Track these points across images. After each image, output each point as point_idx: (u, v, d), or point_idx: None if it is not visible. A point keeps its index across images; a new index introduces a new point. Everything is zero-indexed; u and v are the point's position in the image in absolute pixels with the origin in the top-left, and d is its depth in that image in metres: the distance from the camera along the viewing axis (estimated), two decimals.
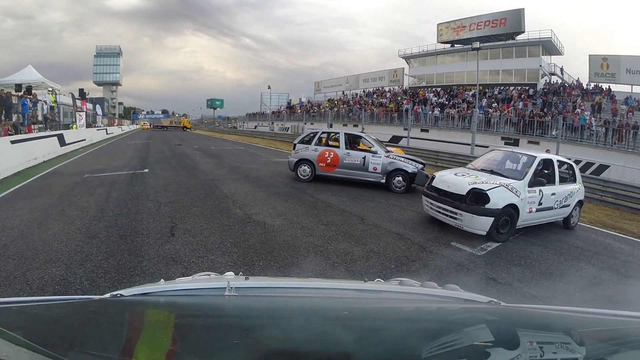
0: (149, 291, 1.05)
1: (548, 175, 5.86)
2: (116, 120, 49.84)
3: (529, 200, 5.32)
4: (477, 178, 5.51)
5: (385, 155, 8.24)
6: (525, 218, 5.37)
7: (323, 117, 31.48)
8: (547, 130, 17.61)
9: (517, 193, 5.18)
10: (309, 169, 8.77)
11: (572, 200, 6.16)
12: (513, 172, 5.73)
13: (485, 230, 4.97)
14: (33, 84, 15.85)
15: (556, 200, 5.78)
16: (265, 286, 1.17)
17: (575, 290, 3.74)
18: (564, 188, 6.03)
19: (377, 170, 8.20)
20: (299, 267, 3.71)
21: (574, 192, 6.24)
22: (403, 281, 1.30)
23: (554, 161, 6.04)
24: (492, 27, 28.34)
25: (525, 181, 5.39)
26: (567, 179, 6.42)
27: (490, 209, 4.96)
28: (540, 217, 5.70)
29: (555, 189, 5.79)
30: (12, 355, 0.61)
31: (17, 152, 9.40)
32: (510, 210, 5.13)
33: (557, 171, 5.92)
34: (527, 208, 5.32)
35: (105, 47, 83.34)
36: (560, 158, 6.68)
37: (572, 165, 6.60)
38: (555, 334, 0.89)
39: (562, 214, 6.12)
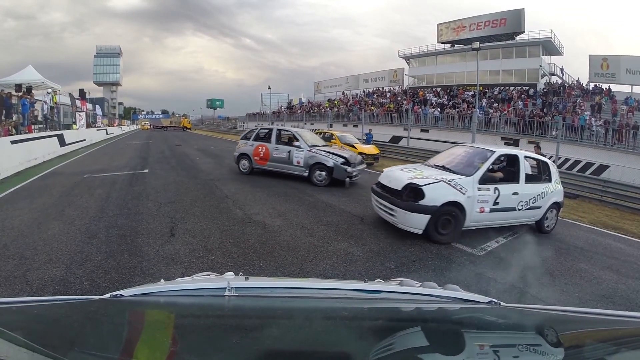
0: (149, 291, 1.05)
1: (512, 172, 5.42)
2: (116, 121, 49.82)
3: (479, 198, 4.84)
4: (421, 173, 5.12)
5: (307, 149, 8.46)
6: (476, 219, 4.90)
7: (323, 117, 31.48)
8: (547, 130, 17.61)
9: (462, 190, 4.72)
10: (247, 163, 9.39)
11: (544, 202, 5.59)
12: (466, 168, 5.21)
13: (420, 228, 4.62)
14: (33, 84, 15.85)
15: (520, 201, 5.25)
16: (265, 286, 1.17)
17: (575, 290, 3.74)
18: (533, 188, 5.51)
19: (300, 163, 8.50)
20: (299, 267, 3.71)
21: (547, 193, 5.64)
22: (403, 281, 1.30)
23: (520, 158, 5.46)
24: (492, 27, 28.35)
25: (474, 178, 4.89)
26: (539, 178, 5.90)
27: (425, 206, 4.58)
28: (498, 218, 5.17)
29: (519, 188, 5.26)
30: (12, 355, 0.61)
31: (17, 152, 9.40)
32: (453, 209, 4.70)
33: (523, 169, 5.38)
34: (478, 207, 4.85)
35: (105, 47, 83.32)
36: (533, 155, 6.17)
37: (547, 163, 6.01)
38: (555, 334, 0.89)
39: (531, 217, 5.58)
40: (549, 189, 5.69)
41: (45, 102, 15.44)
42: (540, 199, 5.52)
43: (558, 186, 5.97)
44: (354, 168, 8.28)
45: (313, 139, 9.27)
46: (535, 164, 6.17)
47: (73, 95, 22.32)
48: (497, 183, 5.11)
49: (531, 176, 5.89)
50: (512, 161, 5.55)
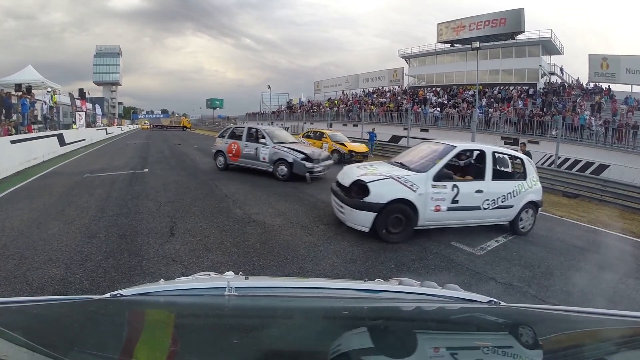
0: (149, 291, 1.05)
1: (478, 169, 5.16)
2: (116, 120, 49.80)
3: (433, 196, 4.60)
4: (374, 170, 4.94)
5: (272, 146, 8.89)
6: (431, 218, 4.67)
7: (323, 117, 31.47)
8: (547, 130, 17.61)
9: (412, 187, 4.51)
10: (222, 159, 9.99)
11: (516, 201, 5.23)
12: (422, 165, 4.96)
13: (366, 226, 4.46)
14: (33, 84, 15.84)
15: (486, 200, 4.93)
16: (265, 286, 1.17)
17: (575, 290, 3.74)
18: (502, 185, 5.18)
19: (265, 159, 8.99)
20: (299, 267, 3.71)
21: (521, 191, 5.28)
22: (403, 281, 1.30)
23: (487, 153, 5.12)
24: (492, 27, 28.34)
25: (428, 174, 4.65)
26: (510, 175, 5.60)
27: (370, 203, 4.41)
28: (459, 218, 4.90)
29: (484, 186, 4.95)
30: (12, 355, 0.61)
31: (17, 152, 9.40)
32: (403, 207, 4.49)
33: (489, 165, 5.05)
34: (432, 205, 4.61)
35: (105, 47, 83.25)
36: (504, 150, 5.83)
37: (521, 159, 5.62)
38: (555, 334, 0.89)
39: (501, 217, 5.24)
40: (522, 187, 5.32)
41: (45, 102, 15.43)
42: (511, 197, 5.18)
43: (535, 184, 5.56)
44: (316, 164, 8.55)
45: (281, 136, 9.66)
46: (507, 160, 5.84)
47: (73, 95, 22.31)
48: (456, 180, 4.85)
49: (501, 173, 5.63)
50: (480, 157, 5.25)
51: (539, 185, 5.68)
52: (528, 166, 5.58)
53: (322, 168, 8.78)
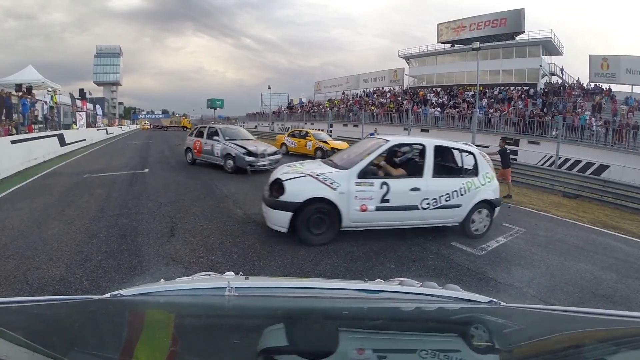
0: (149, 291, 1.05)
1: (416, 165, 4.82)
2: (116, 120, 49.85)
3: (357, 195, 4.26)
4: (299, 168, 4.67)
5: (223, 142, 9.78)
6: (357, 218, 4.33)
7: (323, 117, 31.48)
8: (547, 130, 17.62)
9: (332, 185, 4.19)
10: (190, 155, 11.17)
11: (465, 200, 4.79)
12: (350, 161, 4.62)
13: (284, 226, 4.18)
14: (33, 84, 15.85)
15: (424, 198, 4.53)
16: (265, 286, 1.17)
17: (575, 290, 3.74)
18: (446, 183, 4.76)
19: (218, 154, 9.86)
20: (299, 267, 3.71)
21: (470, 189, 4.81)
22: (403, 281, 1.30)
23: (428, 148, 4.75)
24: (492, 27, 28.36)
25: (351, 171, 4.33)
26: (457, 172, 5.12)
27: (286, 202, 4.13)
28: (390, 218, 4.51)
29: (422, 184, 4.54)
30: (12, 355, 0.61)
31: (17, 152, 9.40)
32: (324, 207, 4.19)
33: (429, 161, 4.67)
34: (357, 205, 4.27)
35: (106, 47, 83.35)
36: (448, 144, 5.41)
37: (472, 153, 5.11)
38: (555, 334, 0.89)
39: (446, 217, 4.82)
40: (472, 185, 4.84)
41: (45, 102, 15.44)
42: (458, 196, 4.73)
43: (489, 181, 5.05)
44: (260, 158, 9.36)
45: (235, 134, 10.57)
46: (455, 155, 5.38)
47: (73, 95, 22.33)
48: (387, 177, 4.49)
49: (446, 169, 5.23)
50: (420, 153, 4.89)
51: (494, 182, 5.17)
52: (481, 161, 5.07)
53: (267, 162, 9.45)
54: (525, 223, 6.33)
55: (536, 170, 11.86)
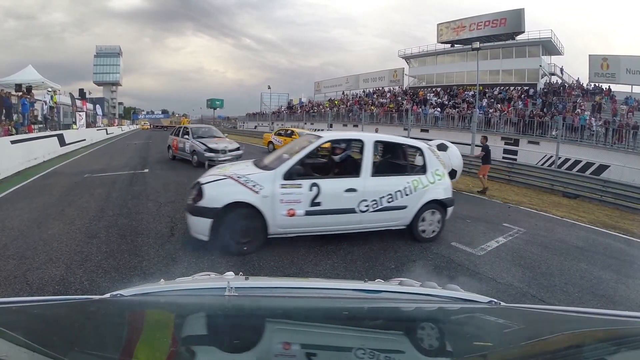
0: (149, 291, 1.05)
1: (353, 163, 4.41)
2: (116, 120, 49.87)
3: (283, 198, 3.84)
4: (225, 170, 4.29)
5: (192, 140, 10.88)
6: (284, 224, 3.90)
7: (323, 117, 31.48)
8: (547, 130, 17.61)
9: (254, 188, 3.78)
10: (170, 151, 12.47)
11: (411, 200, 4.40)
12: (277, 161, 4.24)
13: (205, 234, 3.73)
14: (33, 84, 15.84)
15: (362, 200, 4.13)
16: (265, 286, 1.17)
17: (575, 290, 3.74)
18: (388, 182, 4.33)
19: (187, 151, 10.96)
20: (299, 267, 3.71)
21: (417, 188, 4.41)
22: (403, 281, 1.30)
23: (367, 143, 4.31)
24: (492, 27, 28.36)
25: (276, 172, 3.91)
26: (402, 169, 4.70)
27: (204, 208, 3.72)
28: (323, 223, 4.08)
29: (360, 183, 4.13)
30: (12, 355, 0.61)
31: (17, 152, 9.40)
32: (247, 212, 3.78)
33: (369, 158, 4.26)
34: (284, 209, 3.84)
35: (105, 47, 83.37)
36: (397, 139, 5.02)
37: (419, 149, 4.74)
38: (555, 334, 0.89)
39: (390, 220, 4.42)
40: (419, 183, 4.45)
41: (45, 102, 15.44)
42: (402, 196, 4.32)
43: (440, 179, 4.66)
44: (219, 154, 10.16)
45: (204, 133, 11.66)
46: (400, 151, 4.95)
47: (73, 95, 22.33)
48: (317, 178, 4.06)
49: (388, 167, 4.77)
50: (360, 149, 4.41)
51: (446, 180, 4.77)
52: (430, 157, 4.67)
53: (228, 158, 10.10)
54: (525, 223, 6.32)
55: (536, 170, 11.86)
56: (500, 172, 12.08)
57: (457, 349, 0.77)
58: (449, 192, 4.80)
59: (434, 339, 0.86)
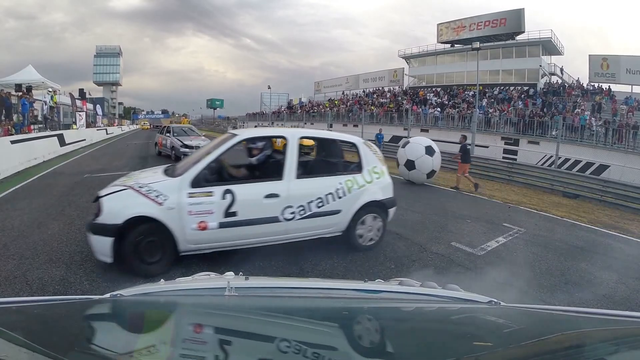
0: (149, 291, 1.05)
1: (274, 164, 3.94)
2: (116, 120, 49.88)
3: (192, 209, 3.27)
4: (130, 179, 3.77)
5: (171, 137, 12.16)
6: (197, 239, 3.33)
7: (323, 117, 31.48)
8: (547, 130, 17.61)
9: (157, 199, 3.21)
10: (157, 148, 13.98)
11: (346, 203, 3.90)
12: (186, 166, 3.66)
13: (107, 255, 3.14)
14: (33, 84, 15.85)
15: (287, 206, 3.59)
16: (265, 286, 1.17)
17: (575, 290, 3.74)
18: (316, 184, 3.83)
19: (168, 147, 12.24)
20: (299, 267, 3.71)
21: (352, 189, 3.93)
22: (403, 281, 1.30)
23: (290, 141, 3.77)
24: (492, 27, 28.35)
25: (182, 179, 3.35)
26: (333, 168, 4.18)
27: (103, 225, 3.14)
28: (241, 236, 3.51)
29: (282, 187, 3.59)
30: (12, 355, 0.61)
31: (17, 152, 9.40)
32: (151, 226, 3.19)
33: (293, 157, 3.71)
34: (194, 222, 3.27)
35: (105, 47, 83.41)
36: (327, 134, 4.71)
37: (354, 144, 4.25)
38: (555, 334, 0.89)
39: (322, 227, 3.90)
40: (354, 184, 3.96)
41: (45, 102, 15.44)
42: (335, 199, 3.84)
43: (379, 177, 4.19)
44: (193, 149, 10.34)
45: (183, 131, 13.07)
46: (330, 147, 4.46)
47: (73, 95, 22.34)
48: (230, 183, 3.55)
49: (317, 166, 4.29)
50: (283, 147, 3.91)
51: (386, 178, 4.29)
52: (366, 154, 4.18)
53: None
54: (525, 223, 6.32)
55: (536, 170, 11.86)
56: (500, 172, 12.09)
57: (457, 349, 0.77)
58: (389, 192, 4.31)
59: (434, 339, 0.86)
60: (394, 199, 4.42)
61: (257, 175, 4.00)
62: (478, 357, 0.75)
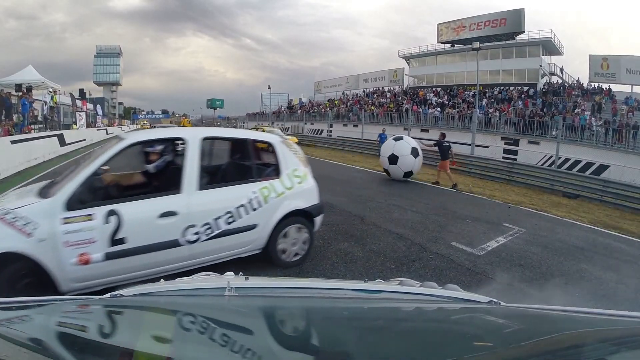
0: (149, 291, 1.05)
1: (172, 174, 3.17)
2: (116, 120, 49.88)
3: (68, 238, 2.52)
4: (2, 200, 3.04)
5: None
6: (79, 275, 2.58)
7: (323, 117, 31.48)
8: (547, 130, 17.61)
9: (26, 228, 2.44)
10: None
11: (262, 216, 3.30)
12: (64, 182, 2.82)
13: None
14: (33, 84, 15.86)
15: (188, 226, 2.91)
16: (265, 286, 1.17)
17: (575, 290, 3.74)
18: (224, 195, 3.16)
19: None
20: (298, 267, 3.71)
21: (269, 198, 3.33)
22: (403, 281, 1.30)
23: (192, 142, 3.09)
24: (492, 27, 28.35)
25: (55, 201, 2.58)
26: (245, 174, 3.46)
27: None
28: (135, 266, 2.77)
29: (180, 203, 2.92)
30: (12, 355, 0.61)
31: (18, 152, 9.40)
32: (21, 265, 2.44)
33: (194, 164, 3.04)
34: (73, 255, 2.53)
35: (106, 47, 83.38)
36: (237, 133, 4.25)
37: (272, 144, 3.60)
38: (555, 334, 0.89)
39: (237, 247, 3.30)
40: (272, 191, 3.37)
41: (45, 102, 15.46)
42: (248, 212, 3.21)
43: (299, 182, 3.62)
44: None
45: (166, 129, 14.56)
46: (242, 149, 3.78)
47: (73, 95, 22.36)
48: (116, 201, 2.81)
49: (225, 173, 3.66)
50: (179, 153, 3.31)
51: (309, 182, 3.76)
52: (285, 155, 3.59)
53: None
54: (525, 223, 6.33)
55: (536, 170, 11.87)
56: (500, 172, 12.09)
57: (457, 349, 0.77)
58: (313, 198, 3.77)
59: (434, 339, 0.86)
60: (321, 206, 3.91)
61: (150, 189, 3.23)
62: (478, 357, 0.75)
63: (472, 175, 12.60)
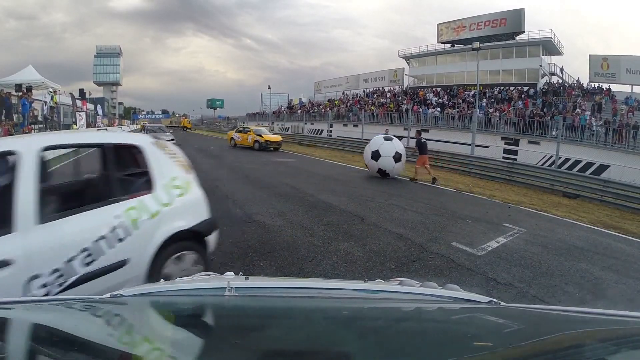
0: (149, 291, 1.05)
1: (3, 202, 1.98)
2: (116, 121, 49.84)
3: None
4: None
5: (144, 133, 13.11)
6: None
7: (323, 117, 31.48)
8: (547, 130, 17.60)
9: None
10: None
11: (134, 246, 2.35)
12: None
13: None
14: (33, 84, 15.85)
15: (32, 277, 1.90)
16: (265, 286, 1.17)
17: (575, 290, 3.74)
18: (75, 227, 2.15)
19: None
20: (299, 267, 3.71)
21: (140, 222, 2.39)
22: (403, 281, 1.30)
23: (25, 157, 2.05)
24: (492, 27, 28.34)
25: None
26: (107, 193, 2.48)
27: None
28: None
29: (14, 246, 1.89)
30: (12, 355, 0.61)
31: None
32: None
33: (30, 188, 2.00)
34: None
35: (106, 47, 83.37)
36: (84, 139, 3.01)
37: (141, 149, 2.65)
38: (555, 334, 0.89)
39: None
40: (142, 212, 2.44)
41: (45, 102, 15.45)
42: (112, 245, 2.25)
43: (179, 195, 2.71)
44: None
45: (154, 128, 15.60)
46: (97, 158, 2.91)
47: (74, 95, 22.36)
48: None
49: (75, 195, 2.89)
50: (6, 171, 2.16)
51: (193, 192, 2.90)
52: (158, 161, 2.68)
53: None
54: (525, 223, 6.33)
55: (536, 170, 11.86)
56: (500, 172, 12.09)
57: (457, 349, 0.77)
58: (202, 212, 2.89)
59: (434, 339, 0.86)
60: (213, 221, 2.99)
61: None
62: (478, 357, 0.75)
63: (472, 175, 12.61)
